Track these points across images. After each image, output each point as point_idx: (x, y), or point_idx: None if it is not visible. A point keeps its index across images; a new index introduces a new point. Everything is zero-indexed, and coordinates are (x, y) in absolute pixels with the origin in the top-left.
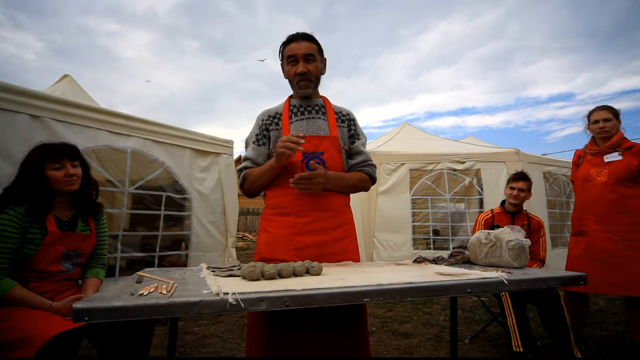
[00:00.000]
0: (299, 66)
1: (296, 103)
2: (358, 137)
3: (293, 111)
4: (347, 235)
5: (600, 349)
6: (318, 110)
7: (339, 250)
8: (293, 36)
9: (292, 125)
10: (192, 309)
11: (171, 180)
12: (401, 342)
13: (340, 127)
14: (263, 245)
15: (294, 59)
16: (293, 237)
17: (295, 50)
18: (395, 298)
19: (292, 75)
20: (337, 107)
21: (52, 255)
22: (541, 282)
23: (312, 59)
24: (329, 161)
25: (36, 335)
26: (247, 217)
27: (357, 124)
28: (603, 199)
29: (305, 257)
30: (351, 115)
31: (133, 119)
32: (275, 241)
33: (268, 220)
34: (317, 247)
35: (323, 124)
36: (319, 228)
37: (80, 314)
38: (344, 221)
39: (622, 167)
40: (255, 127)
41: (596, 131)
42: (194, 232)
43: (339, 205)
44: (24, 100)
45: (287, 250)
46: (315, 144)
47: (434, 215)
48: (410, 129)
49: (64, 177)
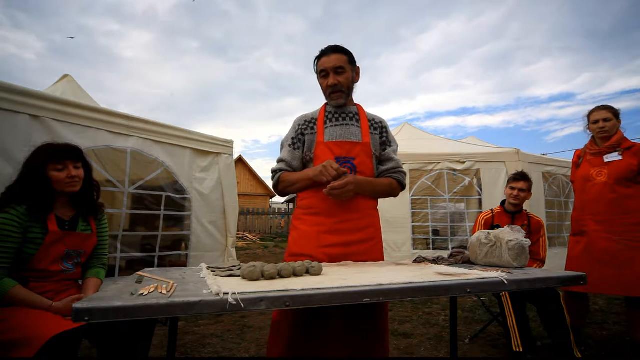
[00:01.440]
0: (329, 79)
1: (331, 110)
2: (390, 144)
3: (328, 117)
4: (373, 237)
5: (600, 349)
6: (352, 118)
7: (363, 250)
8: (324, 51)
9: (326, 130)
10: (192, 309)
11: (171, 180)
12: (401, 342)
13: (373, 134)
14: (293, 242)
15: (325, 72)
16: (321, 235)
17: (325, 64)
18: (395, 298)
19: (325, 88)
20: (371, 114)
21: (52, 255)
22: (541, 282)
23: (341, 70)
24: (360, 166)
25: (36, 335)
26: (247, 217)
27: (389, 132)
28: (603, 199)
29: (332, 254)
30: (384, 123)
31: (133, 119)
32: (304, 238)
33: (299, 219)
34: (343, 246)
35: (356, 130)
36: (347, 228)
37: (81, 314)
38: (371, 224)
39: (622, 167)
40: (292, 131)
41: (596, 131)
42: (194, 232)
43: (367, 208)
44: (24, 100)
45: (315, 247)
46: (347, 149)
47: (433, 216)
48: (410, 129)
49: (65, 179)
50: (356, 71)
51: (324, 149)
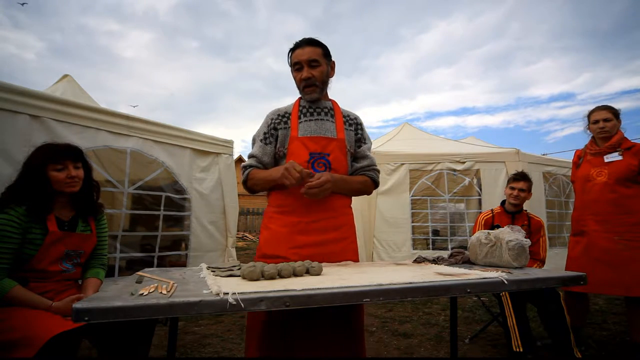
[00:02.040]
0: (303, 72)
1: (306, 104)
2: (364, 141)
3: (302, 111)
4: (348, 236)
5: (600, 349)
6: (327, 113)
7: (338, 250)
8: (298, 43)
9: (300, 125)
10: (192, 309)
11: (171, 180)
12: (401, 342)
13: (348, 130)
14: (264, 242)
15: (299, 65)
16: (294, 236)
17: (299, 57)
18: (395, 298)
19: (299, 81)
20: (345, 110)
21: (52, 255)
22: (541, 282)
23: (316, 64)
24: (334, 162)
25: (36, 335)
26: (247, 217)
27: (363, 129)
28: (603, 199)
29: (305, 255)
30: (358, 119)
31: (133, 119)
32: (276, 238)
33: (270, 217)
34: (317, 246)
35: (331, 125)
36: (320, 227)
37: (80, 314)
38: (345, 222)
39: (622, 167)
40: (264, 125)
41: (596, 131)
42: (194, 232)
43: (341, 206)
44: (24, 101)
45: (287, 248)
46: (322, 145)
47: (433, 216)
48: (410, 129)
49: (65, 179)
50: (331, 65)
51: (298, 144)
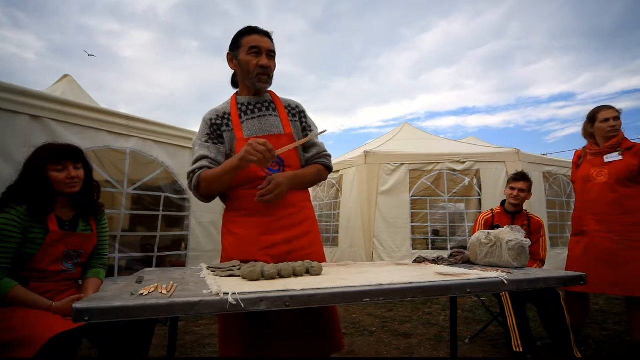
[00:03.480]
0: (262, 58)
1: (244, 101)
2: (310, 128)
3: (242, 109)
4: (312, 229)
5: (600, 349)
6: (268, 107)
7: (306, 244)
8: (254, 28)
9: (243, 124)
10: (192, 309)
11: (170, 180)
12: (401, 342)
13: (293, 121)
14: (231, 248)
15: (258, 50)
16: (261, 237)
17: (259, 42)
18: (395, 298)
19: (254, 66)
20: (285, 100)
21: (52, 255)
22: (541, 282)
23: (273, 55)
24: (287, 160)
25: (36, 335)
26: None
27: (307, 116)
28: (603, 199)
29: (276, 254)
30: (300, 107)
31: (133, 119)
32: (244, 242)
33: (233, 222)
34: (286, 243)
35: (275, 120)
36: (285, 225)
37: (81, 314)
38: (307, 216)
39: (622, 167)
40: (205, 128)
41: (606, 130)
42: (192, 232)
43: (301, 200)
44: (24, 101)
45: (257, 251)
46: (272, 144)
47: (432, 216)
48: (410, 129)
49: (65, 179)
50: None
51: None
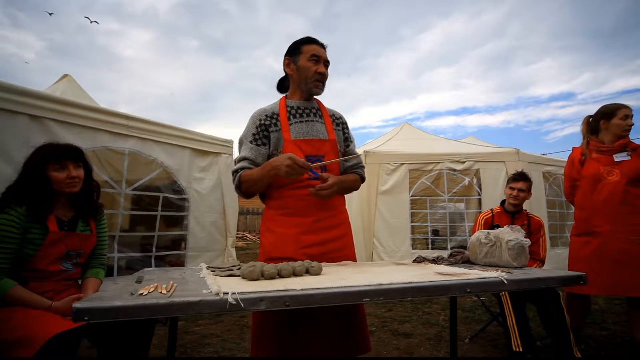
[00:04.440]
0: (321, 67)
1: (294, 105)
2: (351, 140)
3: (291, 112)
4: (347, 232)
5: (600, 349)
6: (316, 113)
7: (340, 247)
8: (315, 39)
9: (292, 127)
10: (192, 309)
11: (170, 180)
12: (401, 342)
13: (337, 130)
14: (270, 245)
15: (318, 59)
16: (300, 237)
17: (319, 52)
18: (395, 298)
19: (312, 73)
20: (330, 110)
21: (52, 256)
22: (541, 282)
23: (328, 66)
24: (329, 165)
25: (36, 335)
26: (247, 217)
27: (348, 128)
28: (616, 199)
29: (313, 254)
30: (343, 119)
31: (133, 119)
32: (283, 241)
33: (273, 220)
34: (322, 245)
35: (321, 127)
36: (324, 227)
37: (81, 314)
38: (343, 220)
39: (635, 167)
40: (252, 127)
41: (624, 127)
42: (192, 232)
43: (339, 205)
44: (24, 101)
45: (295, 249)
46: (316, 148)
47: (432, 216)
48: (410, 129)
49: (65, 179)
50: None
51: (293, 147)
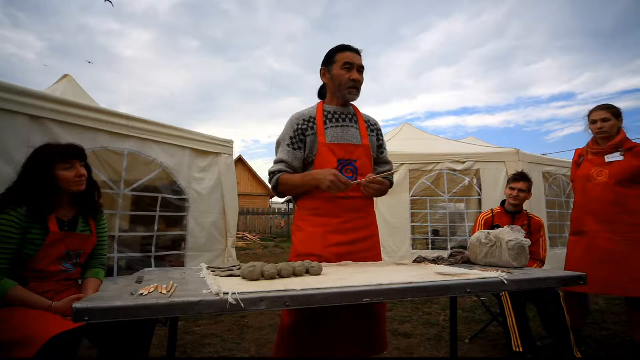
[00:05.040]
0: (354, 73)
1: (330, 110)
2: (384, 147)
3: (328, 117)
4: (374, 233)
5: (600, 349)
6: (351, 119)
7: (367, 247)
8: (348, 46)
9: (327, 131)
10: (192, 309)
11: (169, 180)
12: (401, 342)
13: (370, 136)
14: (299, 243)
15: (351, 66)
16: (328, 235)
17: (352, 58)
18: (395, 298)
19: (346, 80)
20: (366, 115)
21: (52, 256)
22: (541, 282)
23: (362, 70)
24: (361, 168)
25: (36, 335)
26: (247, 217)
27: (382, 134)
28: (604, 199)
29: (340, 253)
30: (378, 125)
31: (133, 119)
32: (312, 238)
33: (303, 220)
34: (349, 244)
35: (356, 132)
36: (352, 227)
37: (81, 314)
38: (371, 221)
39: (623, 167)
40: (290, 130)
41: (595, 131)
42: (191, 232)
43: (367, 207)
44: (24, 101)
45: (323, 247)
46: (349, 152)
47: (433, 216)
48: (410, 129)
49: (74, 178)
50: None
51: (327, 150)
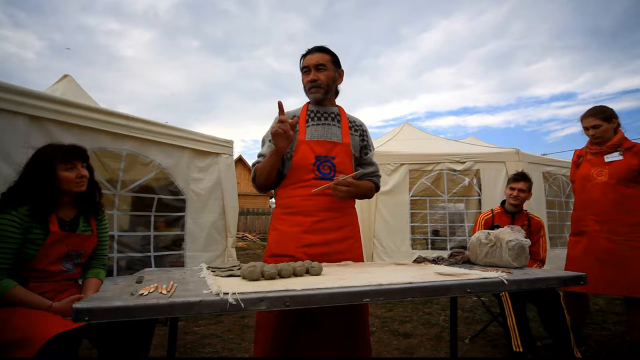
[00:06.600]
0: (309, 75)
1: (313, 109)
2: (370, 148)
3: (310, 116)
4: (352, 235)
5: (600, 349)
6: (333, 118)
7: (344, 249)
8: (309, 49)
9: (307, 129)
10: (192, 309)
11: (167, 181)
12: (401, 342)
13: (353, 135)
14: (273, 243)
15: (307, 69)
16: (301, 235)
17: (308, 61)
18: (395, 298)
19: (305, 83)
20: (352, 117)
21: (53, 256)
22: (541, 282)
23: (323, 68)
24: (339, 165)
25: (36, 335)
26: (247, 217)
27: (369, 136)
28: (604, 199)
29: (313, 254)
30: (364, 126)
31: (133, 119)
32: (285, 239)
33: (278, 219)
34: (323, 245)
35: (337, 130)
36: (326, 227)
37: (81, 314)
38: (349, 222)
39: (622, 167)
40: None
41: (589, 137)
42: (190, 232)
43: (345, 206)
44: (23, 101)
45: (295, 248)
46: (327, 149)
47: (432, 216)
48: (410, 129)
49: (75, 178)
50: (339, 73)
51: (305, 147)
